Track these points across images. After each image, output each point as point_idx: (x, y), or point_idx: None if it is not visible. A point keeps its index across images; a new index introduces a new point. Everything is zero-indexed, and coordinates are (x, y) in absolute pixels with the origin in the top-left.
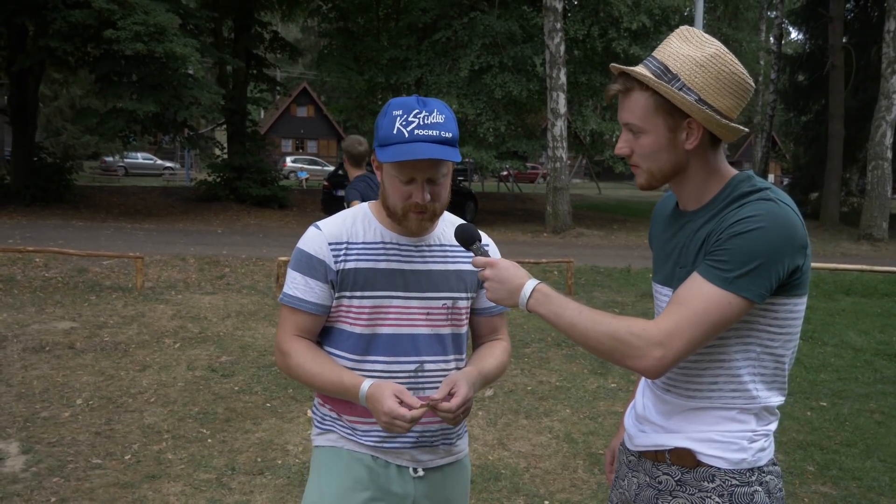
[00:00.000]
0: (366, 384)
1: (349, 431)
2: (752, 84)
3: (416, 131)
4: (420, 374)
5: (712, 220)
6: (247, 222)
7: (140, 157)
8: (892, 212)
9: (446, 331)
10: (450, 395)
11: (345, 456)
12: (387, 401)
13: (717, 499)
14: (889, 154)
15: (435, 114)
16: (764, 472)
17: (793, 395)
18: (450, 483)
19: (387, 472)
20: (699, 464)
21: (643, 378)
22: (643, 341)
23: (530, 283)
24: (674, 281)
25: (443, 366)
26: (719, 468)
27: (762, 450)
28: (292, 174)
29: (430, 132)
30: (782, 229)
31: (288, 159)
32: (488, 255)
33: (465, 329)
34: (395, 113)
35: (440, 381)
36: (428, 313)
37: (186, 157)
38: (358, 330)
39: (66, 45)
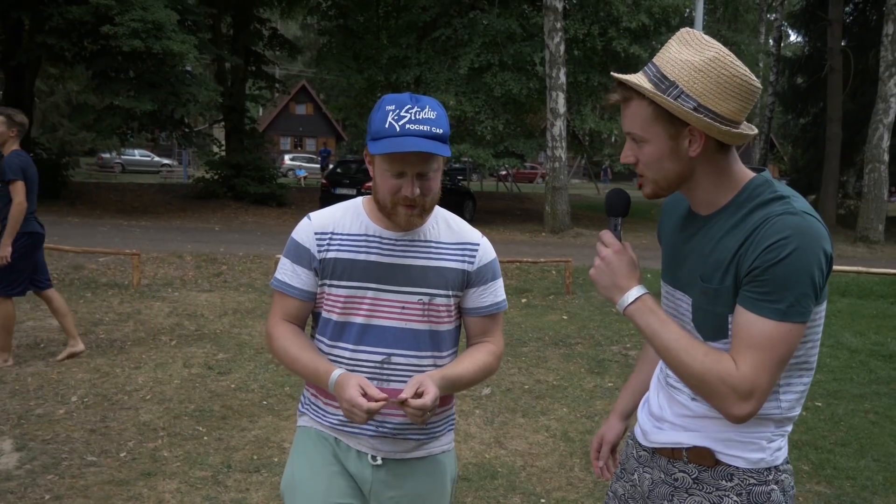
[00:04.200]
0: (335, 373)
1: (320, 413)
2: (758, 84)
3: (407, 126)
4: (386, 365)
5: (736, 230)
6: (244, 220)
7: (137, 154)
8: (888, 214)
9: (422, 327)
10: (417, 394)
11: (313, 435)
12: (349, 390)
13: (734, 497)
14: (886, 157)
15: (427, 110)
16: (780, 471)
17: None
18: (419, 478)
19: (347, 455)
20: (718, 463)
21: (656, 376)
22: (731, 390)
23: (639, 289)
24: (689, 288)
25: (414, 361)
26: (738, 467)
27: (779, 449)
28: (291, 172)
29: (421, 127)
30: (815, 246)
31: (286, 157)
32: (619, 236)
33: (447, 327)
34: (388, 108)
35: (408, 375)
36: (403, 307)
37: (184, 155)
38: (334, 317)
39: (62, 41)
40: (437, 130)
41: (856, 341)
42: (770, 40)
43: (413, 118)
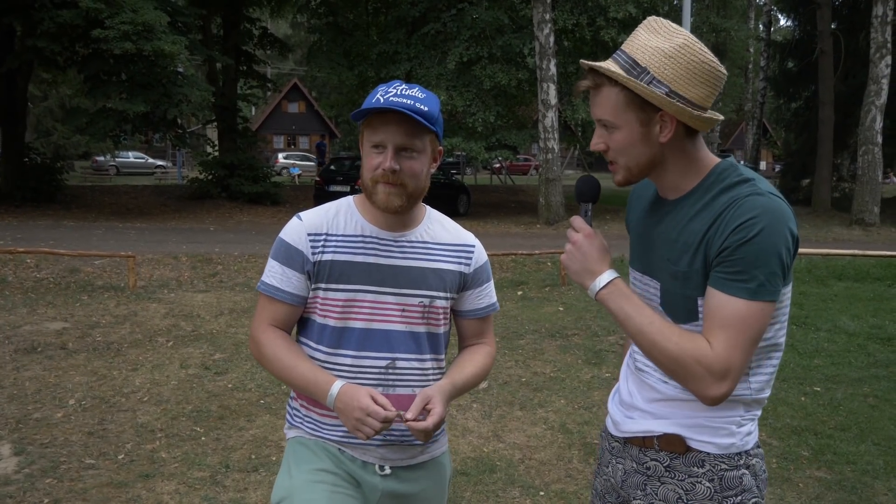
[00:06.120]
0: (338, 384)
1: (316, 426)
2: (724, 71)
3: (391, 98)
4: (391, 370)
5: (704, 213)
6: (239, 219)
7: (131, 156)
8: (883, 196)
9: (421, 329)
10: (425, 410)
11: (312, 444)
12: (363, 399)
13: (707, 483)
14: (879, 139)
15: (416, 90)
16: (751, 456)
17: (787, 381)
18: (424, 481)
19: (353, 465)
20: (689, 449)
21: (626, 364)
22: (707, 372)
23: (610, 273)
24: (657, 272)
25: (417, 364)
26: (709, 453)
27: (749, 434)
28: (284, 170)
29: (405, 101)
30: (781, 225)
31: (280, 156)
32: (590, 222)
33: (443, 329)
34: (379, 88)
35: (412, 380)
36: (403, 310)
37: (178, 156)
38: (331, 322)
39: (54, 45)
40: (422, 107)
41: (853, 325)
42: (760, 25)
43: (399, 93)
